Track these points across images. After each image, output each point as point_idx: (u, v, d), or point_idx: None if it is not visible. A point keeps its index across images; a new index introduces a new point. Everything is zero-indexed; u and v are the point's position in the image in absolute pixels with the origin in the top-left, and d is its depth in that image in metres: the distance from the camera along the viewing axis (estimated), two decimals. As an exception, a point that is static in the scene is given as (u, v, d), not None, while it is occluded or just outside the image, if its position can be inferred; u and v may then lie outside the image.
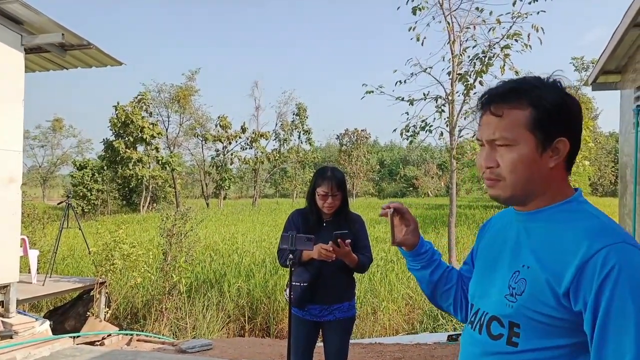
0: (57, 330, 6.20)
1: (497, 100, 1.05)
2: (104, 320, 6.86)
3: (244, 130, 40.36)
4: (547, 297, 0.95)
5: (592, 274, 0.89)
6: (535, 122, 1.02)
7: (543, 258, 0.99)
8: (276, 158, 42.65)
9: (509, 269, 1.07)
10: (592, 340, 0.90)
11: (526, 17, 7.65)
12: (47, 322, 5.74)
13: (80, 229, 7.64)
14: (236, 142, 40.38)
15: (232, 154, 40.52)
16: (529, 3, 7.56)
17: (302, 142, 45.72)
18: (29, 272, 6.90)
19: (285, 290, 2.96)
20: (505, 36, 7.75)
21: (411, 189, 58.69)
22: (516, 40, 7.69)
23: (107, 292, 7.15)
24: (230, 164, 41.08)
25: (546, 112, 1.01)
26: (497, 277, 1.10)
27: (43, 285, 6.68)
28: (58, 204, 8.48)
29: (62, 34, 5.59)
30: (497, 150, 1.05)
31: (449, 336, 6.72)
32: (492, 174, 1.06)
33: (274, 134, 43.25)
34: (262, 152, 41.14)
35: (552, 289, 0.95)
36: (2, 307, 5.48)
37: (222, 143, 39.87)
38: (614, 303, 0.87)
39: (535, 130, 1.02)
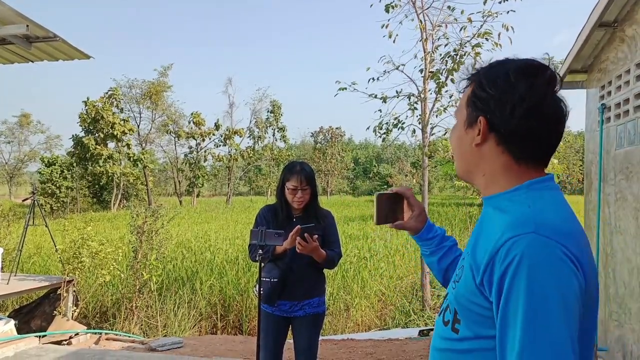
0: (22, 329, 6.03)
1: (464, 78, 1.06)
2: (72, 319, 6.70)
3: (217, 127, 39.99)
4: (472, 285, 0.92)
5: (498, 264, 0.85)
6: (469, 97, 1.01)
7: (476, 246, 0.96)
8: (250, 155, 42.41)
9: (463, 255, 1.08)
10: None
11: (496, 17, 7.79)
12: (12, 322, 5.58)
13: (46, 226, 7.44)
14: (210, 139, 40.00)
15: (205, 151, 40.13)
16: (499, 2, 7.69)
17: (276, 140, 45.64)
18: (-7, 271, 6.68)
19: (255, 286, 2.94)
20: (476, 35, 7.87)
21: (385, 186, 59.15)
22: (487, 39, 7.81)
23: (74, 291, 6.99)
24: (204, 161, 40.69)
25: (478, 87, 0.99)
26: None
27: (7, 284, 6.49)
28: (23, 200, 8.22)
29: (27, 25, 5.41)
30: None
31: (420, 331, 6.80)
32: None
33: (248, 131, 42.98)
34: (236, 150, 40.83)
35: (473, 277, 0.92)
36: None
37: (196, 140, 39.45)
38: (511, 295, 0.83)
39: (467, 106, 1.02)
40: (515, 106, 0.93)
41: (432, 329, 6.85)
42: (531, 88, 0.93)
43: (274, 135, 45.42)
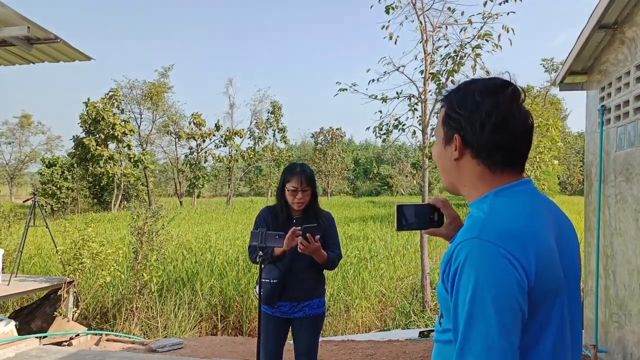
0: (22, 330, 6.04)
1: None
2: (72, 320, 6.71)
3: (218, 128, 40.00)
4: (441, 283, 1.05)
5: (452, 265, 0.99)
6: (444, 118, 1.14)
7: (449, 248, 1.07)
8: (251, 156, 42.40)
9: None
10: None
11: (497, 18, 7.79)
12: (12, 323, 5.59)
13: (47, 227, 7.44)
14: (210, 139, 40.02)
15: (206, 152, 40.13)
16: (500, 4, 7.70)
17: (277, 141, 45.61)
18: (-7, 272, 6.69)
19: (255, 287, 2.95)
20: (477, 36, 7.87)
21: (385, 187, 59.12)
22: (487, 41, 7.82)
23: (75, 292, 6.99)
24: (204, 162, 40.68)
25: (450, 109, 1.12)
26: None
27: (8, 284, 6.49)
28: (24, 201, 8.24)
29: (28, 27, 5.42)
30: None
31: (420, 332, 6.79)
32: None
33: (248, 132, 42.99)
34: (236, 150, 40.83)
35: (441, 277, 1.05)
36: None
37: (196, 141, 39.46)
38: (458, 292, 0.95)
39: (443, 125, 1.15)
40: (484, 123, 1.05)
41: (432, 330, 6.86)
42: (496, 105, 1.05)
43: (274, 136, 45.42)
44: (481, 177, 1.10)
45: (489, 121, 1.04)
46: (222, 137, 40.34)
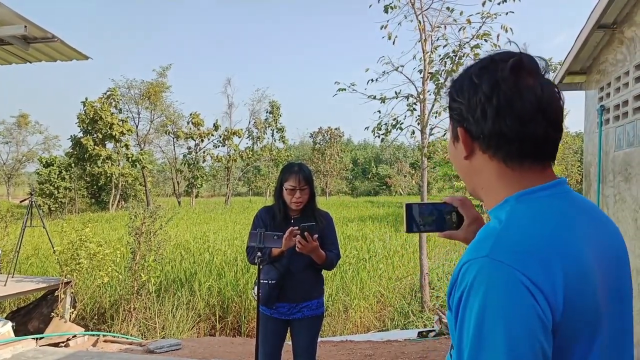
0: (19, 331, 6.01)
1: None
2: (69, 320, 6.68)
3: (216, 127, 40.00)
4: (449, 312, 0.87)
5: (457, 289, 0.80)
6: (449, 111, 0.97)
7: (456, 267, 0.89)
8: (249, 156, 42.40)
9: None
10: None
11: (495, 18, 7.80)
12: (9, 324, 5.57)
13: (44, 227, 7.42)
14: (208, 139, 40.02)
15: (204, 152, 40.14)
16: (498, 4, 7.70)
17: (275, 140, 45.60)
18: (-10, 272, 6.67)
19: (254, 288, 2.93)
20: (475, 36, 7.87)
21: (384, 187, 59.17)
22: (486, 40, 7.82)
23: (72, 292, 6.97)
24: (203, 162, 40.68)
25: (451, 99, 0.94)
26: None
27: (5, 285, 6.47)
28: (21, 201, 8.21)
29: (25, 26, 5.39)
30: None
31: (419, 333, 6.79)
32: None
33: (247, 132, 42.98)
34: (235, 150, 40.82)
35: (447, 304, 0.87)
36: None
37: (194, 140, 39.46)
38: (463, 329, 0.77)
39: (450, 120, 0.98)
40: (485, 108, 0.86)
41: (431, 330, 6.85)
42: (495, 84, 0.86)
43: (272, 135, 45.42)
44: (498, 177, 0.90)
45: (489, 105, 0.85)
46: (220, 136, 40.35)
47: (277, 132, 45.33)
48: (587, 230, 0.84)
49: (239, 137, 41.36)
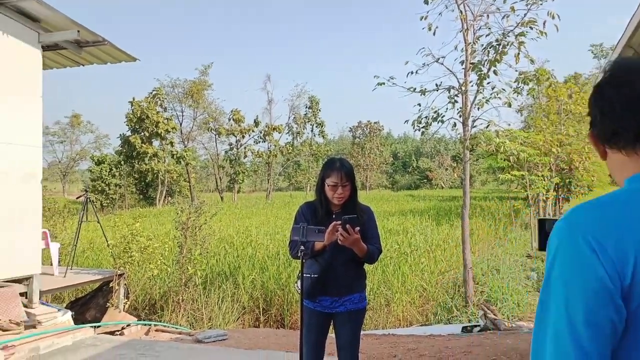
0: (78, 320, 6.34)
1: None
2: (123, 310, 7.01)
3: (257, 123, 40.50)
4: None
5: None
6: None
7: None
8: (289, 151, 42.74)
9: None
10: None
11: (541, 4, 7.55)
12: (69, 313, 5.89)
13: (98, 222, 7.79)
14: (249, 135, 40.58)
15: (245, 148, 40.72)
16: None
17: (315, 135, 45.74)
18: (51, 265, 7.06)
19: (297, 282, 2.98)
20: (520, 24, 7.65)
21: (425, 180, 58.38)
22: (531, 28, 7.58)
23: (125, 284, 7.29)
24: (244, 158, 41.29)
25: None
26: None
27: (64, 277, 6.84)
28: (77, 198, 8.64)
29: (78, 31, 5.69)
30: None
31: (463, 327, 6.72)
32: None
33: (287, 127, 43.32)
34: (275, 146, 41.24)
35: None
36: (26, 298, 5.64)
37: (236, 137, 40.09)
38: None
39: None
40: (604, 111, 0.92)
41: (475, 326, 6.76)
42: (612, 88, 0.91)
43: (312, 130, 45.57)
44: (621, 166, 0.93)
45: (601, 96, 0.92)
46: (261, 132, 40.85)
47: (316, 126, 45.46)
48: None
49: (279, 133, 41.78)
